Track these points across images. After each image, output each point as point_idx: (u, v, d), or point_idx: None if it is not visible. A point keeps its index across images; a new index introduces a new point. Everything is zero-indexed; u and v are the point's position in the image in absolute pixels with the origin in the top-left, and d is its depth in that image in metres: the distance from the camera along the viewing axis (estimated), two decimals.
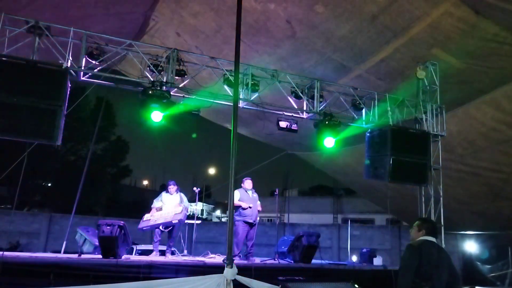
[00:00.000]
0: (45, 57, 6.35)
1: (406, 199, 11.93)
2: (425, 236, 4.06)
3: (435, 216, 8.09)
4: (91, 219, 15.21)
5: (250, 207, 8.23)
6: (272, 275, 6.65)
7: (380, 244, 18.06)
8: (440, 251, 4.09)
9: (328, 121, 7.83)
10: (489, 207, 12.21)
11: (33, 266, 6.11)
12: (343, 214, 26.04)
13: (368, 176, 8.40)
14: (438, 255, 4.02)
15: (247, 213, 8.28)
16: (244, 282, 5.27)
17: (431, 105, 8.45)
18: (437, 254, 4.02)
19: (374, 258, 9.04)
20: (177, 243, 9.35)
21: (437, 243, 4.13)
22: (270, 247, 14.57)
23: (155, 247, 8.47)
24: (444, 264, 3.99)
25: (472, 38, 7.26)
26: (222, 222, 26.40)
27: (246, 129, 12.75)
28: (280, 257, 8.70)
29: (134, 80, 6.99)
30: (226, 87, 7.39)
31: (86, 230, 8.28)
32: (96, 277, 6.04)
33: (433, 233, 4.14)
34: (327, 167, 15.76)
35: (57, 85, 6.08)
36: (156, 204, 8.55)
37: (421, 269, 3.86)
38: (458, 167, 10.61)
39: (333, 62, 8.45)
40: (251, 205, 8.26)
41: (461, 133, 9.68)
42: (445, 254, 4.08)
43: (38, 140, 6.35)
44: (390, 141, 7.87)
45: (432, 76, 8.25)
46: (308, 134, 8.93)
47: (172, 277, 5.82)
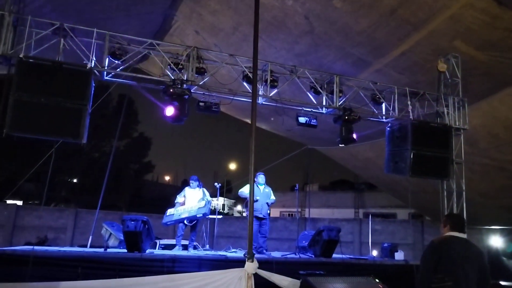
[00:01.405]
0: (70, 58, 6.55)
1: (429, 193, 11.80)
2: (450, 232, 4.00)
3: (458, 211, 8.00)
4: (115, 214, 15.57)
5: (257, 200, 8.32)
6: (293, 270, 6.72)
7: (402, 239, 17.88)
8: (468, 246, 3.97)
9: (347, 116, 7.82)
10: None
11: (62, 260, 6.35)
12: (364, 208, 25.83)
13: (388, 171, 8.36)
14: (464, 250, 3.92)
15: (256, 208, 8.37)
16: (265, 276, 5.38)
17: (452, 98, 8.33)
18: (463, 250, 3.92)
19: (396, 253, 8.98)
20: (199, 237, 9.52)
21: (465, 239, 4.01)
22: (291, 242, 14.64)
23: (178, 242, 8.65)
24: (472, 260, 3.86)
25: (494, 29, 7.10)
26: (243, 217, 26.55)
27: (266, 124, 12.82)
28: (301, 251, 8.76)
29: (155, 78, 7.13)
30: (245, 83, 7.46)
31: (111, 225, 8.52)
32: (122, 271, 6.23)
33: (459, 228, 4.04)
34: (348, 161, 15.69)
35: (82, 85, 6.27)
36: (179, 199, 8.73)
37: (442, 265, 3.81)
38: (483, 161, 10.42)
39: (352, 57, 8.41)
40: (258, 197, 8.36)
41: (485, 127, 9.50)
42: (475, 250, 3.95)
43: (64, 138, 6.57)
44: (411, 135, 7.80)
45: (454, 69, 8.12)
46: (328, 129, 8.93)
47: (194, 271, 5.98)
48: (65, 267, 6.19)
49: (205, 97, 7.50)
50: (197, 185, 8.81)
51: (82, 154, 23.44)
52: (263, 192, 8.66)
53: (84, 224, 16.33)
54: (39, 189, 20.29)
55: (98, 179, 15.95)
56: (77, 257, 6.51)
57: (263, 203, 8.57)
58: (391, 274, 7.63)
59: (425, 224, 18.79)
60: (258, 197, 8.45)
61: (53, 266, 6.11)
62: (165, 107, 6.87)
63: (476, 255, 3.92)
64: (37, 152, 12.47)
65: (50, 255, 6.50)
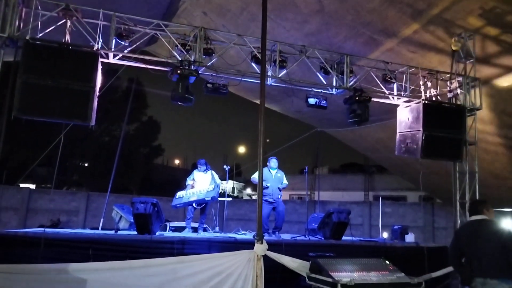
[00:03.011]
0: (76, 40, 6.50)
1: (440, 175, 11.65)
2: (471, 217, 4.44)
3: (470, 193, 7.89)
4: (126, 198, 15.71)
5: (267, 186, 8.30)
6: (303, 251, 6.70)
7: (413, 221, 17.81)
8: (481, 226, 4.28)
9: (358, 97, 7.67)
10: None
11: (73, 242, 6.42)
12: (374, 191, 25.72)
13: (399, 152, 8.24)
14: (474, 230, 4.28)
15: (267, 193, 8.39)
16: (274, 257, 5.36)
17: (466, 77, 8.12)
18: (473, 230, 4.29)
19: (406, 235, 8.92)
20: (209, 220, 9.56)
21: (479, 220, 4.32)
22: (300, 224, 14.67)
23: (187, 224, 8.69)
24: (486, 237, 4.16)
25: (511, 5, 6.87)
26: (252, 200, 26.70)
27: (276, 105, 12.71)
28: (311, 234, 8.75)
29: (163, 60, 7.05)
30: (254, 64, 7.35)
31: (121, 207, 8.57)
32: (132, 252, 6.28)
33: (472, 212, 4.49)
34: (358, 144, 15.55)
35: (89, 67, 6.22)
36: (189, 182, 8.74)
37: (462, 248, 4.30)
38: (496, 141, 10.22)
39: (363, 36, 8.21)
40: (269, 184, 8.33)
41: (499, 105, 9.28)
42: (490, 228, 4.23)
43: (72, 121, 6.57)
44: (423, 116, 7.65)
45: (468, 47, 7.90)
46: (338, 110, 8.81)
47: (204, 252, 5.99)
48: (76, 249, 6.26)
49: (213, 78, 7.42)
50: (204, 169, 8.79)
51: (92, 138, 23.62)
52: (275, 176, 8.63)
53: (96, 207, 16.53)
54: (51, 173, 20.54)
55: (109, 163, 16.08)
56: (88, 239, 6.58)
57: (275, 188, 8.53)
58: (401, 256, 7.58)
59: (435, 206, 18.69)
60: (269, 184, 8.41)
61: (64, 248, 6.18)
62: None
63: (492, 232, 4.18)
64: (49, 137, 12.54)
65: (61, 237, 6.58)
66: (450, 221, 11.95)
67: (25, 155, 19.76)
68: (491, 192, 11.55)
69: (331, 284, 4.58)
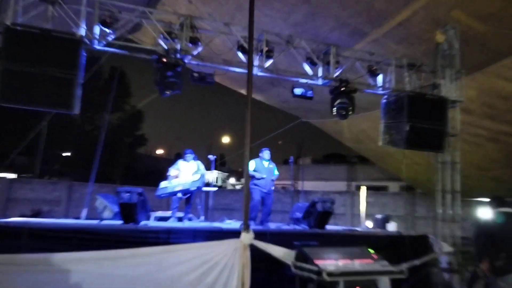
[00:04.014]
0: (59, 27, 6.34)
1: (421, 165, 11.88)
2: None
3: (451, 183, 8.05)
4: (110, 187, 15.57)
5: (263, 177, 8.38)
6: (288, 240, 6.75)
7: (394, 211, 18.13)
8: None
9: (344, 87, 7.72)
10: (506, 173, 12.10)
11: (56, 232, 6.31)
12: (357, 181, 26.06)
13: (384, 143, 8.34)
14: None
15: (261, 184, 8.47)
16: (261, 246, 5.39)
17: (449, 70, 8.24)
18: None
19: (388, 224, 9.10)
20: (194, 210, 9.54)
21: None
22: (284, 214, 14.76)
23: (173, 214, 8.67)
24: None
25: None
26: (237, 190, 26.74)
27: (262, 95, 12.70)
28: (295, 223, 8.84)
29: (148, 48, 6.95)
30: (240, 54, 7.30)
31: (105, 197, 8.48)
32: (117, 242, 6.22)
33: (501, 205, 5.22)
34: (341, 134, 15.68)
35: (72, 54, 6.09)
36: (173, 172, 8.69)
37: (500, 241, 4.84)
38: (477, 132, 10.46)
39: (349, 26, 8.25)
40: (264, 175, 8.41)
41: (480, 98, 9.48)
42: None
43: (55, 109, 6.45)
44: (407, 108, 7.75)
45: (452, 40, 8.00)
46: (323, 101, 8.85)
47: (190, 242, 5.98)
48: (59, 239, 6.18)
49: (199, 67, 7.36)
50: (192, 158, 8.76)
51: (75, 127, 23.24)
52: (268, 168, 8.68)
53: (78, 197, 16.32)
54: (32, 162, 20.18)
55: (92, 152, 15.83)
56: (72, 228, 6.49)
57: (268, 179, 8.60)
58: (384, 245, 7.72)
59: (416, 196, 19.05)
60: (265, 175, 8.48)
61: (47, 238, 6.09)
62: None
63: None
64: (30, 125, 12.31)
65: (44, 227, 6.48)
66: (430, 210, 12.22)
67: (5, 144, 19.34)
68: (472, 182, 11.84)
69: (316, 272, 4.63)
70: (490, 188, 13.53)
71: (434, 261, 7.62)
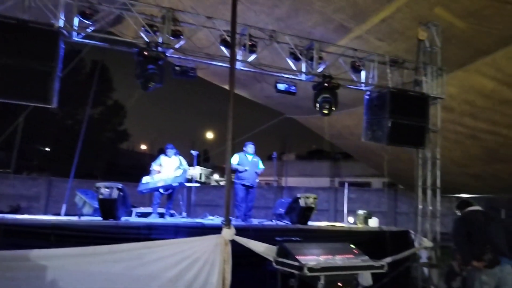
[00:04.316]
0: (36, 18, 6.16)
1: (403, 162, 12.00)
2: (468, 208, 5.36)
3: (432, 179, 8.15)
4: (90, 183, 15.24)
5: (246, 169, 8.44)
6: (270, 236, 6.75)
7: (376, 206, 18.38)
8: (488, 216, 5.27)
9: (327, 83, 7.72)
10: (485, 170, 12.34)
11: (34, 228, 6.17)
12: (340, 177, 26.28)
13: (366, 139, 8.39)
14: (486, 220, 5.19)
15: (244, 176, 8.55)
16: (242, 242, 5.37)
17: (431, 67, 8.32)
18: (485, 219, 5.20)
19: (370, 220, 9.17)
20: (176, 206, 9.46)
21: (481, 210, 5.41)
22: (267, 210, 14.79)
23: (154, 210, 8.58)
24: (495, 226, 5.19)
25: None
26: (220, 186, 26.67)
27: (245, 90, 12.64)
28: (278, 218, 8.84)
29: (129, 41, 6.82)
30: (223, 48, 7.23)
31: (85, 192, 8.34)
32: (96, 238, 6.12)
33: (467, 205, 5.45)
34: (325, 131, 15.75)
35: (50, 46, 5.94)
36: (155, 167, 8.59)
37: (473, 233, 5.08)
38: (457, 129, 10.61)
39: (332, 22, 8.23)
40: (247, 167, 8.46)
41: (461, 95, 9.61)
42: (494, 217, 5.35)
43: (33, 102, 6.30)
44: (389, 104, 7.78)
45: (434, 37, 8.07)
46: (306, 97, 8.84)
47: (171, 238, 5.91)
48: (37, 235, 6.04)
49: (181, 61, 7.26)
50: (174, 153, 8.68)
51: (54, 121, 22.81)
52: (251, 161, 8.79)
53: (58, 192, 16.07)
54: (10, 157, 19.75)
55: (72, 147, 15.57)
56: (50, 225, 6.33)
57: (252, 172, 8.69)
58: (365, 240, 7.79)
59: (398, 192, 19.32)
60: (247, 167, 8.57)
61: (24, 234, 5.94)
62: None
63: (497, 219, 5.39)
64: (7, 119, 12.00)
65: (21, 223, 6.32)
66: (411, 206, 12.37)
67: None
68: (452, 178, 12.02)
69: (297, 267, 4.63)
70: (470, 184, 13.79)
71: (414, 256, 7.72)
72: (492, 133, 10.51)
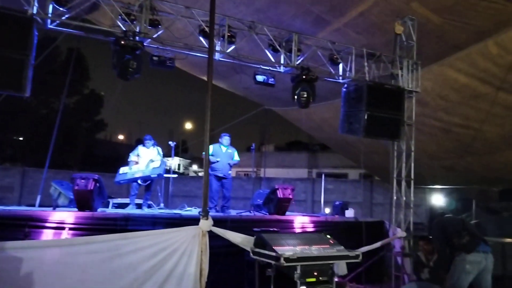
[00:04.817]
0: (9, 4, 5.97)
1: (379, 154, 12.22)
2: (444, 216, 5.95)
3: (406, 171, 8.34)
4: (66, 174, 15.07)
5: (218, 160, 8.49)
6: (248, 227, 6.82)
7: (353, 197, 18.68)
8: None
9: (305, 76, 7.77)
10: (458, 162, 12.66)
11: (8, 219, 6.07)
12: (317, 168, 26.57)
13: (343, 131, 8.50)
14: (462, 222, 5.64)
15: (217, 167, 8.62)
16: (219, 233, 5.40)
17: (407, 61, 8.47)
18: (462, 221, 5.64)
19: (346, 211, 9.36)
20: (154, 196, 9.41)
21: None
22: (246, 201, 14.87)
23: (131, 201, 8.53)
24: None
25: None
26: (198, 177, 26.59)
27: (224, 82, 12.59)
28: (256, 209, 8.92)
29: (105, 29, 6.69)
30: (201, 38, 7.18)
31: (60, 183, 8.20)
32: (72, 229, 6.07)
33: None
34: (303, 123, 15.87)
35: (23, 34, 5.77)
36: (133, 157, 8.51)
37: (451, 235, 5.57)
38: (431, 123, 10.84)
39: (311, 14, 8.26)
40: (218, 159, 8.51)
41: (435, 89, 9.81)
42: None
43: (5, 91, 6.13)
44: (366, 97, 7.88)
45: (410, 31, 8.20)
46: (285, 89, 8.88)
47: (148, 229, 5.89)
48: (11, 227, 5.94)
49: (159, 51, 7.18)
50: (152, 144, 8.62)
51: (29, 111, 22.23)
52: (226, 152, 8.85)
53: (32, 183, 15.72)
54: None
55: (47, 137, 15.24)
56: (24, 216, 6.24)
57: (225, 163, 8.75)
58: (341, 230, 7.95)
59: (374, 183, 19.67)
60: (219, 158, 8.63)
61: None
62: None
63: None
64: None
65: None
66: (386, 197, 12.63)
67: None
68: (425, 170, 12.32)
69: (274, 258, 4.69)
70: (442, 176, 14.16)
71: (389, 246, 7.92)
72: (464, 127, 10.78)
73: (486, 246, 5.18)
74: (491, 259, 5.14)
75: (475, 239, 5.18)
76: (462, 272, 5.03)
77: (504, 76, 8.74)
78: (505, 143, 10.77)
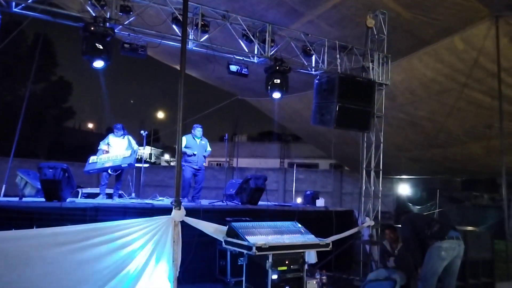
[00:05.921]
0: None
1: (349, 145, 12.47)
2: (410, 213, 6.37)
3: (375, 162, 8.55)
4: (33, 162, 14.63)
5: (194, 154, 8.55)
6: (220, 217, 6.86)
7: (323, 187, 19.02)
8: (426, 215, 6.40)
9: (278, 67, 7.80)
10: (424, 154, 13.09)
11: None
12: (289, 159, 26.83)
13: (315, 122, 8.60)
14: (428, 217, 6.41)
15: (192, 160, 8.67)
16: (192, 223, 5.39)
17: (378, 54, 8.63)
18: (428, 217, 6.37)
19: (317, 200, 9.52)
20: (125, 186, 9.29)
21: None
22: (218, 190, 14.87)
23: (102, 191, 8.38)
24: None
25: None
26: (170, 166, 26.37)
27: (197, 71, 12.48)
28: (228, 199, 8.96)
29: (74, 14, 6.49)
30: (174, 26, 7.07)
31: (27, 173, 7.98)
32: (39, 220, 5.92)
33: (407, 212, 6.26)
34: (276, 113, 15.97)
35: None
36: (103, 146, 8.35)
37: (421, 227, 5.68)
38: (399, 116, 11.15)
39: (285, 5, 8.28)
40: (195, 152, 8.55)
41: (403, 83, 10.07)
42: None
43: None
44: (338, 89, 7.98)
45: (381, 25, 8.34)
46: (258, 79, 8.90)
47: (119, 219, 5.83)
48: None
49: (130, 38, 7.03)
50: (121, 133, 8.46)
51: None
52: (199, 144, 8.88)
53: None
54: None
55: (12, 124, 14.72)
56: None
57: (200, 155, 8.81)
58: (312, 219, 8.10)
59: (344, 173, 20.07)
60: (196, 152, 8.66)
61: None
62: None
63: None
64: None
65: None
66: (356, 187, 12.93)
67: None
68: (393, 161, 12.67)
69: (246, 247, 4.74)
70: (409, 167, 14.60)
71: (357, 234, 8.14)
72: (430, 121, 11.14)
73: (456, 232, 5.43)
74: (463, 246, 5.40)
75: (444, 227, 5.45)
76: (438, 259, 5.24)
77: (469, 72, 9.06)
78: (467, 136, 11.21)
